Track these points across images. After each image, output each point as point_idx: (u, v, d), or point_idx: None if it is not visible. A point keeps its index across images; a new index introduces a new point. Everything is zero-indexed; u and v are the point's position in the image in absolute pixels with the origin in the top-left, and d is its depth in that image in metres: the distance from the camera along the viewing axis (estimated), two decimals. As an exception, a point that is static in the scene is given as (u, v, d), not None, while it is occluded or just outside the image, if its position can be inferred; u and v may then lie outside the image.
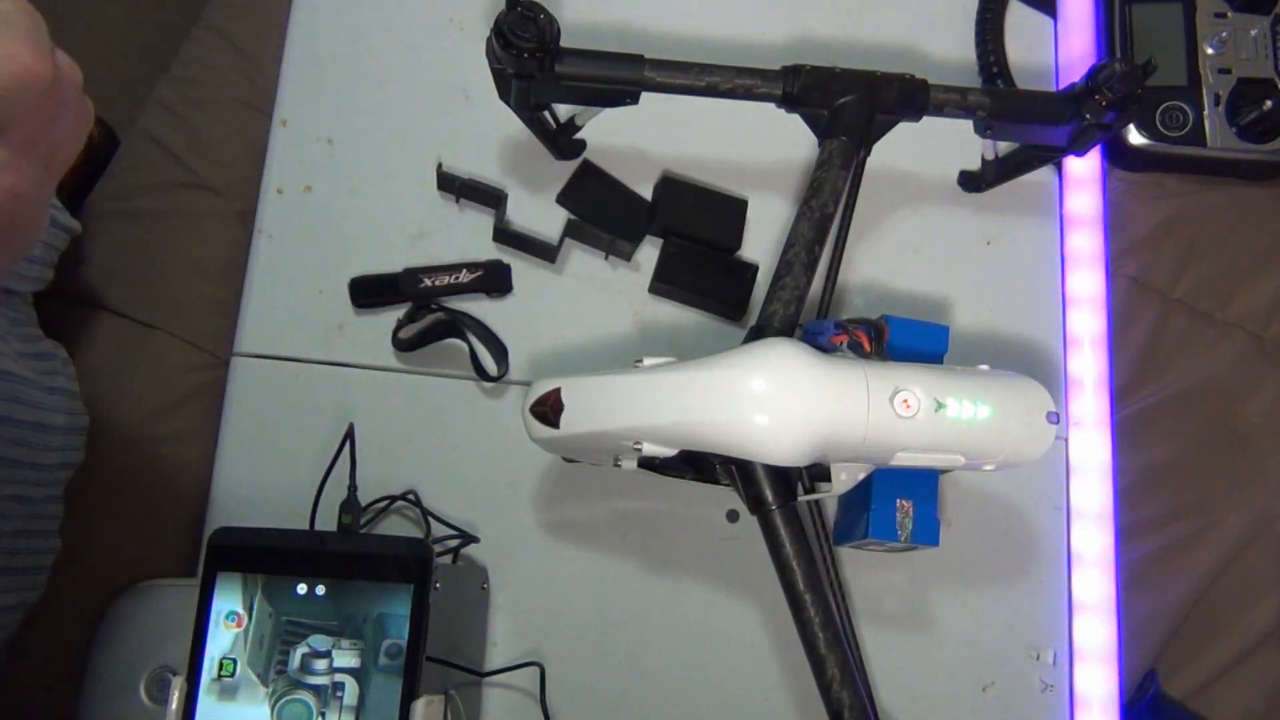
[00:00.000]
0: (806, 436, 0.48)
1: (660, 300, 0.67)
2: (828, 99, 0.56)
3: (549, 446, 0.55)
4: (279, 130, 0.67)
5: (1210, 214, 0.73)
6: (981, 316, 0.68)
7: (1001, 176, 0.68)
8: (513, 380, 0.64)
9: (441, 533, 0.61)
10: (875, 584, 0.63)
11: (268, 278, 0.65)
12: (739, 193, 0.68)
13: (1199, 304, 0.72)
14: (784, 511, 0.51)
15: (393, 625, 0.49)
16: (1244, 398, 0.70)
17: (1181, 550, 0.67)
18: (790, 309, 0.54)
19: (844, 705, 0.50)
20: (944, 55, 0.73)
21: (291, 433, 0.62)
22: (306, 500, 0.58)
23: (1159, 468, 0.69)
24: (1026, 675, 0.63)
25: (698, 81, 0.56)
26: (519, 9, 0.52)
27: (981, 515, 0.65)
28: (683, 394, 0.49)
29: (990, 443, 0.51)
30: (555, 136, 0.64)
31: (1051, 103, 0.59)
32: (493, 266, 0.65)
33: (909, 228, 0.69)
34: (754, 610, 0.62)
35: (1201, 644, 0.66)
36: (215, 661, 0.49)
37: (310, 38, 0.69)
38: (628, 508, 0.63)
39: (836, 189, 0.56)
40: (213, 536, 0.51)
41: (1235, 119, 0.71)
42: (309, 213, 0.66)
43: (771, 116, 0.58)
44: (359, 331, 0.64)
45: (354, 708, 0.48)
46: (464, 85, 0.68)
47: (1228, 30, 0.72)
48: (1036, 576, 0.65)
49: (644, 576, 0.62)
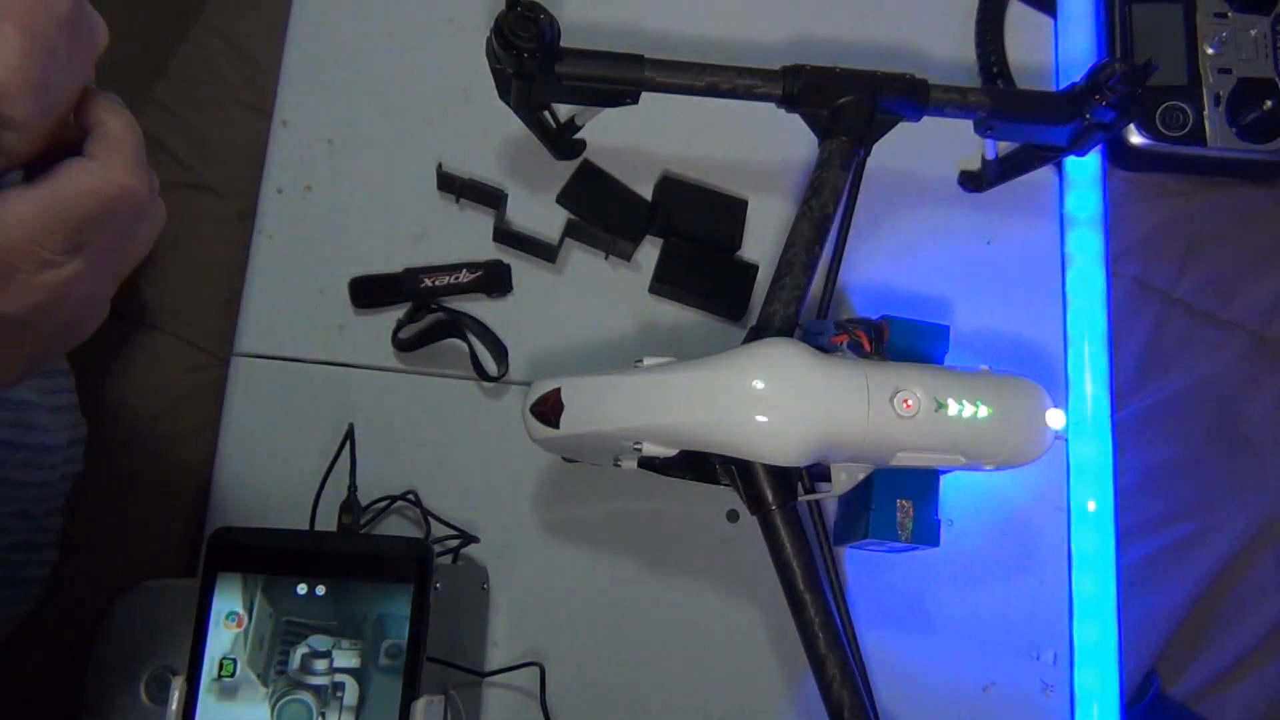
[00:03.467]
0: (807, 436, 0.48)
1: (660, 300, 0.67)
2: (828, 99, 0.56)
3: (549, 446, 0.55)
4: (279, 130, 0.67)
5: (1210, 214, 0.73)
6: (981, 316, 0.68)
7: (1001, 176, 0.68)
8: (513, 380, 0.64)
9: (441, 533, 0.61)
10: (875, 584, 0.63)
11: (268, 278, 0.65)
12: (739, 193, 0.68)
13: (1199, 304, 0.71)
14: (784, 512, 0.51)
15: (393, 625, 0.49)
16: (1245, 398, 0.70)
17: (1181, 550, 0.67)
18: (790, 309, 0.54)
19: (844, 705, 0.50)
20: (944, 55, 0.73)
21: (291, 433, 0.62)
22: (306, 500, 0.58)
23: (1159, 468, 0.69)
24: (1026, 675, 0.63)
25: (697, 81, 0.56)
26: (519, 9, 0.52)
27: (981, 515, 0.65)
28: (683, 394, 0.49)
29: (990, 443, 0.51)
30: (555, 136, 0.64)
31: (1051, 103, 0.59)
32: (493, 266, 0.65)
33: (909, 228, 0.69)
34: (754, 610, 0.62)
35: (1202, 644, 0.66)
36: (215, 661, 0.49)
37: (310, 38, 0.69)
38: (628, 508, 0.63)
39: (836, 189, 0.56)
40: (213, 536, 0.51)
41: (1235, 119, 0.71)
42: (309, 213, 0.66)
43: (771, 116, 0.58)
44: (359, 331, 0.64)
45: (354, 708, 0.48)
46: (464, 85, 0.68)
47: (1228, 30, 0.72)
48: (1036, 576, 0.64)
49: (644, 576, 0.62)
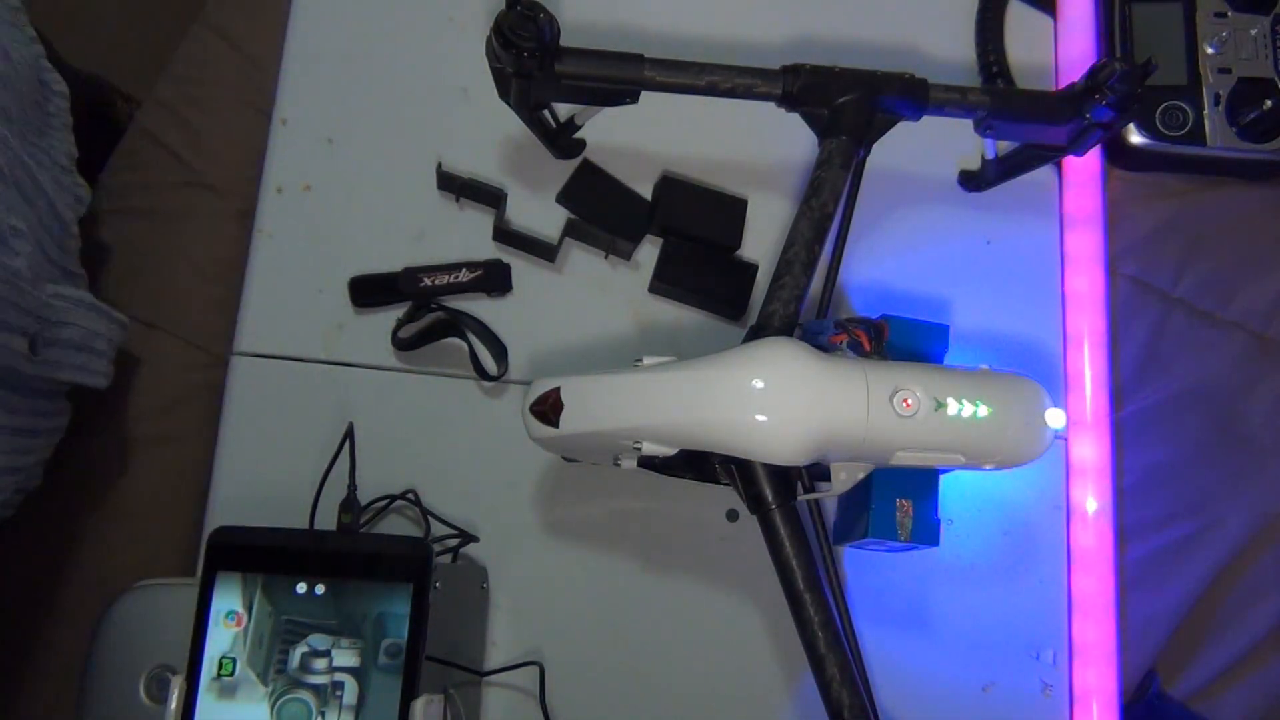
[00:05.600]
0: (806, 436, 0.48)
1: (660, 300, 0.67)
2: (828, 98, 0.56)
3: (549, 446, 0.55)
4: (279, 130, 0.67)
5: (1210, 214, 0.73)
6: (981, 316, 0.68)
7: (1001, 176, 0.68)
8: (513, 380, 0.64)
9: (441, 532, 0.61)
10: (875, 584, 0.63)
11: (268, 277, 0.65)
12: (739, 192, 0.68)
13: (1199, 304, 0.72)
14: (784, 511, 0.51)
15: (392, 624, 0.49)
16: (1244, 398, 0.70)
17: (1181, 550, 0.67)
18: (790, 308, 0.54)
19: (844, 705, 0.50)
20: (944, 55, 0.73)
21: (291, 432, 0.62)
22: (306, 500, 0.58)
23: (1159, 468, 0.69)
24: (1026, 675, 0.63)
25: (697, 81, 0.56)
26: (519, 8, 0.52)
27: (981, 515, 0.65)
28: (683, 393, 0.49)
29: (990, 442, 0.51)
30: (555, 136, 0.64)
31: (1051, 102, 0.59)
32: (493, 266, 0.65)
33: (909, 228, 0.69)
34: (754, 610, 0.62)
35: (1201, 644, 0.66)
36: (215, 661, 0.49)
37: (310, 37, 0.69)
38: (628, 508, 0.63)
39: (836, 188, 0.56)
40: (212, 536, 0.51)
41: (1235, 119, 0.71)
42: (309, 212, 0.66)
43: (771, 116, 0.58)
44: (359, 331, 0.64)
45: (354, 707, 0.48)
46: (464, 85, 0.68)
47: (1228, 30, 0.72)
48: (1036, 576, 0.64)
49: (644, 576, 0.62)
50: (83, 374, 0.57)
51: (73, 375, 0.56)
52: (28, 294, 0.51)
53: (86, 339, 0.57)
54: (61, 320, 0.55)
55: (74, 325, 0.56)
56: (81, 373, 0.57)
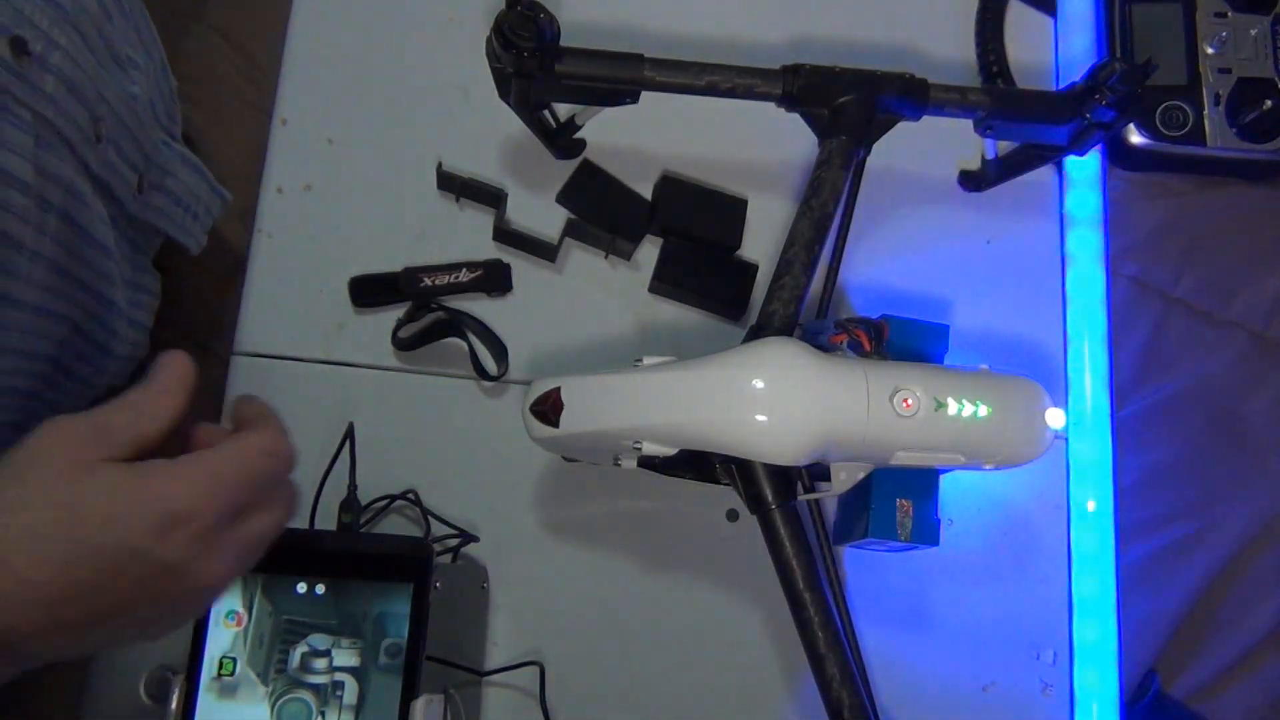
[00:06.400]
0: (806, 436, 0.48)
1: (660, 300, 0.67)
2: (828, 98, 0.56)
3: (549, 446, 0.55)
4: (279, 130, 0.67)
5: (1210, 214, 0.73)
6: (981, 316, 0.68)
7: (1001, 176, 0.68)
8: (513, 380, 0.64)
9: (441, 532, 0.61)
10: (875, 584, 0.63)
11: (268, 277, 0.65)
12: (739, 192, 0.68)
13: (1199, 304, 0.72)
14: (784, 511, 0.51)
15: (392, 624, 0.49)
16: (1244, 397, 0.70)
17: (1181, 550, 0.67)
18: (790, 308, 0.54)
19: (844, 705, 0.50)
20: (944, 55, 0.73)
21: (291, 432, 0.62)
22: (306, 499, 0.58)
23: (1159, 468, 0.69)
24: (1026, 675, 0.63)
25: (697, 81, 0.56)
26: (519, 8, 0.52)
27: (981, 515, 0.65)
28: (683, 393, 0.49)
29: (990, 442, 0.51)
30: (555, 136, 0.64)
31: (1051, 102, 0.59)
32: (493, 266, 0.65)
33: (909, 228, 0.69)
34: (754, 610, 0.62)
35: (1202, 644, 0.66)
36: (215, 660, 0.49)
37: (310, 37, 0.69)
38: (628, 508, 0.63)
39: (836, 188, 0.56)
40: (212, 536, 0.51)
41: (1235, 119, 0.71)
42: (309, 212, 0.66)
43: (771, 116, 0.58)
44: (359, 331, 0.64)
45: (354, 706, 0.48)
46: (464, 85, 0.68)
47: (1228, 30, 0.72)
48: (1036, 576, 0.64)
49: (644, 576, 0.62)
50: (180, 231, 0.57)
51: (170, 227, 0.55)
52: (144, 126, 0.50)
53: (188, 197, 0.56)
54: (166, 169, 0.54)
55: (178, 179, 0.55)
56: (179, 229, 0.56)
